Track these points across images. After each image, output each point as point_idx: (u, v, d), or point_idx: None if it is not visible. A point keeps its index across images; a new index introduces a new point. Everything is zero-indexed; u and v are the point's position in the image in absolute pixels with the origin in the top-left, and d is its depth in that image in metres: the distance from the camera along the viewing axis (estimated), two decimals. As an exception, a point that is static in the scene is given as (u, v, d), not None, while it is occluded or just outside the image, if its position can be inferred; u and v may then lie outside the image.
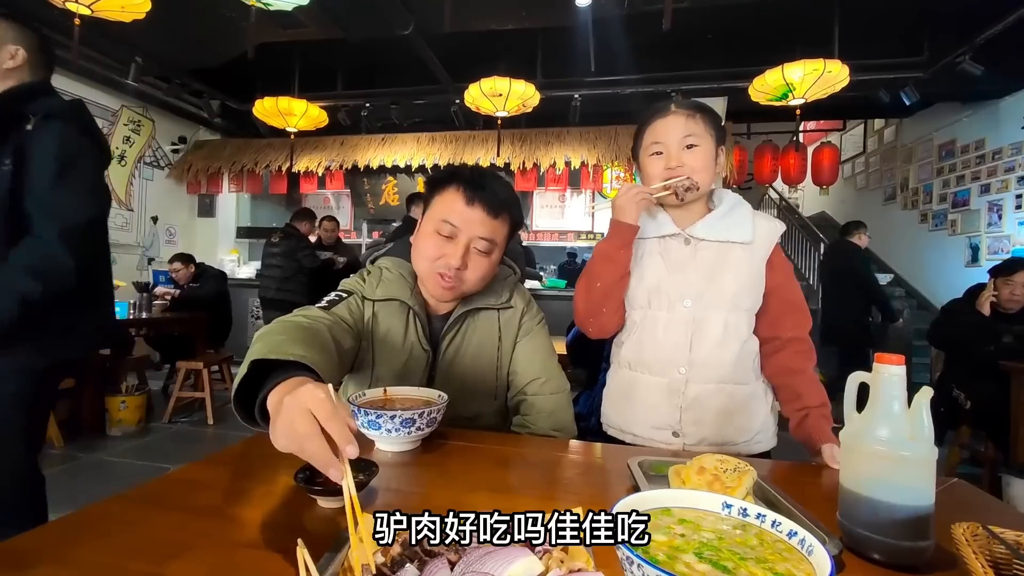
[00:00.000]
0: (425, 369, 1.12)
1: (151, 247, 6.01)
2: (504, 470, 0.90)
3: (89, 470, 2.85)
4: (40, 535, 0.63)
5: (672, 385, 1.11)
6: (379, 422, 0.91)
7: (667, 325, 1.12)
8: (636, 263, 1.17)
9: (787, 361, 1.13)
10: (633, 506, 0.56)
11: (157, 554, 0.59)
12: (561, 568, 0.51)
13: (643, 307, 1.16)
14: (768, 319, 1.15)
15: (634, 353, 1.17)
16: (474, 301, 1.14)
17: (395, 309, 1.12)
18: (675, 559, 0.47)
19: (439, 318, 1.16)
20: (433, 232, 1.04)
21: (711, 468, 0.78)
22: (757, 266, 1.12)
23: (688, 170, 1.09)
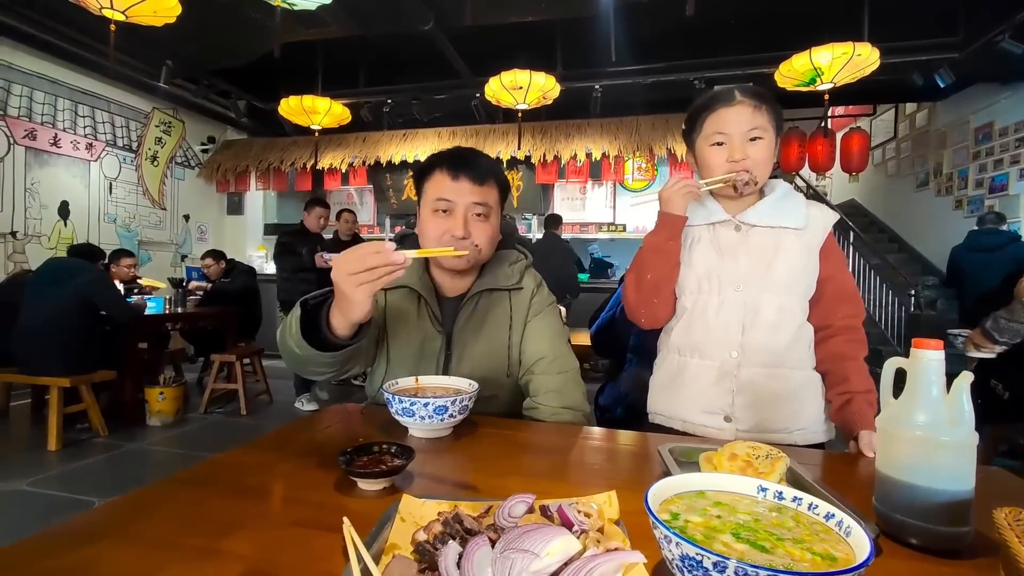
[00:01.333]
0: (440, 350, 1.15)
1: (184, 244, 6.20)
2: (535, 456, 0.91)
3: (131, 458, 2.98)
4: (101, 513, 0.67)
5: (724, 368, 1.10)
6: (413, 409, 0.93)
7: (718, 309, 1.11)
8: (685, 250, 1.17)
9: (838, 348, 1.11)
10: (668, 489, 0.57)
11: (210, 531, 0.62)
12: (599, 547, 0.53)
13: (693, 292, 1.16)
14: (821, 307, 1.12)
15: (684, 337, 1.16)
16: (486, 282, 1.16)
17: (405, 295, 1.17)
18: (712, 539, 0.48)
19: (452, 300, 1.19)
20: (431, 214, 1.10)
21: (743, 455, 0.78)
22: (810, 252, 1.10)
23: (751, 163, 1.08)
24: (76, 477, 2.67)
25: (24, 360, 3.04)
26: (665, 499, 0.56)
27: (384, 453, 0.80)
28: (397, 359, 1.18)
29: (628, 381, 2.00)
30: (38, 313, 3.00)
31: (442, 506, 0.65)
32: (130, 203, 5.50)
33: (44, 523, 0.67)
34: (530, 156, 5.70)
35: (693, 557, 0.44)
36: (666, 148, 5.39)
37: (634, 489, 0.78)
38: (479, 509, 0.64)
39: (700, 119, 1.14)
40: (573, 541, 0.52)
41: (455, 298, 1.20)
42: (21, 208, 4.41)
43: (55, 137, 4.70)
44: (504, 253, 1.22)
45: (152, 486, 0.75)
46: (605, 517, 0.61)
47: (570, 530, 0.55)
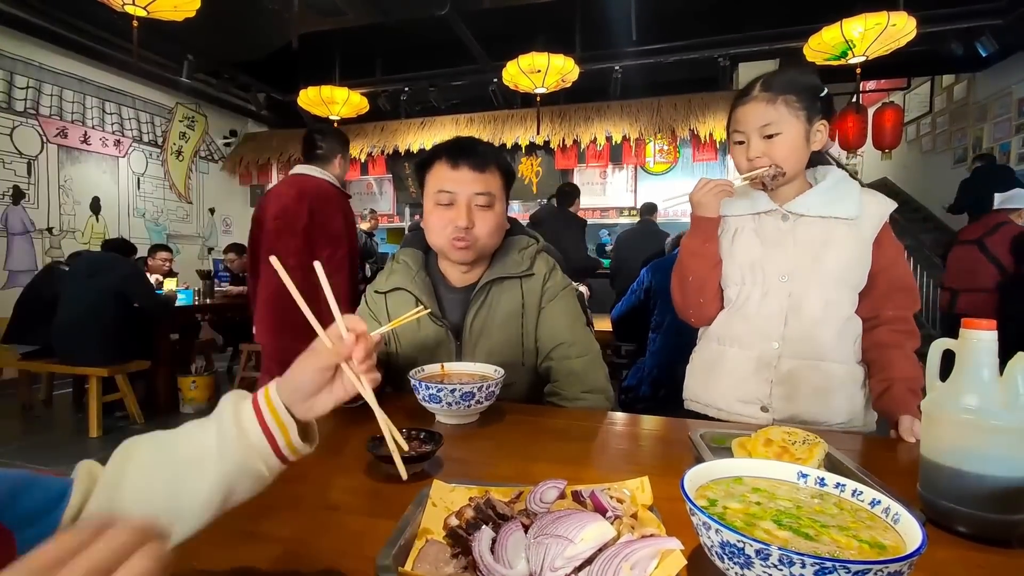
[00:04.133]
0: (448, 343, 1.15)
1: (210, 237, 6.34)
2: (563, 442, 0.91)
3: (167, 445, 3.09)
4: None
5: (763, 358, 1.08)
6: (439, 395, 0.93)
7: (761, 300, 1.08)
8: (728, 241, 1.14)
9: (883, 337, 1.07)
10: (704, 475, 0.55)
11: (249, 515, 0.63)
12: (633, 533, 0.52)
13: (737, 284, 1.13)
14: (871, 299, 1.08)
15: (724, 327, 1.15)
16: (495, 271, 1.14)
17: (402, 297, 1.17)
18: (753, 526, 0.47)
19: (463, 291, 1.18)
20: (434, 206, 1.09)
21: (778, 440, 0.76)
22: (863, 244, 1.05)
23: (769, 160, 1.05)
24: (117, 462, 2.78)
25: (65, 351, 3.16)
26: (701, 485, 0.54)
27: (412, 439, 0.80)
28: (406, 354, 1.18)
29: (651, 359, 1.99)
30: (77, 306, 3.11)
31: (472, 491, 0.64)
32: (158, 198, 5.63)
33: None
34: (549, 141, 5.64)
35: (734, 544, 0.43)
36: (688, 129, 5.27)
37: (666, 475, 0.77)
38: (510, 494, 0.64)
39: (730, 116, 1.13)
40: (607, 527, 0.52)
41: (465, 289, 1.18)
42: (56, 205, 4.56)
43: (85, 135, 4.83)
44: (514, 240, 1.20)
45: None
46: (638, 503, 0.60)
47: (603, 516, 0.55)
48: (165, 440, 0.47)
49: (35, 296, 3.39)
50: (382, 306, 1.21)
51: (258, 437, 0.48)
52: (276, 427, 0.49)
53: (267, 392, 0.50)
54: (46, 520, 0.39)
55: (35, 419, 3.57)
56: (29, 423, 3.50)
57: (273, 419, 0.49)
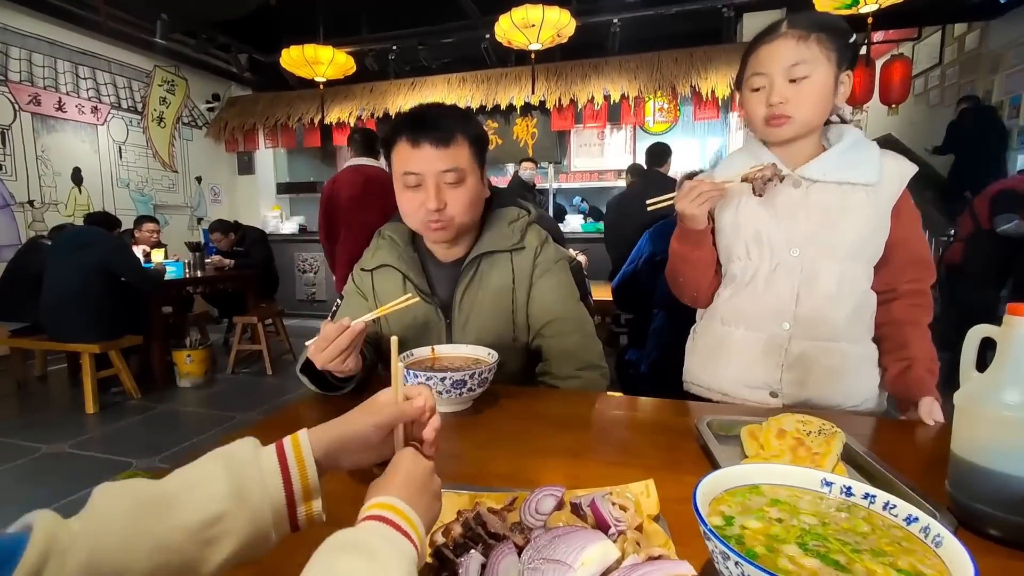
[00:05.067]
0: (439, 322, 1.10)
1: (198, 207, 6.19)
2: (563, 432, 0.86)
3: (165, 419, 3.07)
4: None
5: (772, 341, 1.01)
6: (428, 384, 0.88)
7: (770, 276, 1.00)
8: (732, 210, 1.05)
9: (900, 312, 1.00)
10: (717, 485, 0.50)
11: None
12: (639, 554, 0.47)
13: (741, 258, 1.05)
14: (887, 272, 1.01)
15: (729, 306, 1.07)
16: (484, 245, 1.09)
17: (389, 274, 1.13)
18: (776, 552, 0.41)
19: (449, 266, 1.12)
20: (403, 188, 1.02)
21: (792, 431, 0.71)
22: (881, 212, 0.97)
23: (792, 108, 0.93)
24: (114, 438, 2.77)
25: (53, 328, 3.10)
26: (715, 497, 0.49)
27: (400, 435, 0.75)
28: (402, 343, 1.11)
29: (654, 338, 1.93)
30: (61, 281, 3.03)
31: (462, 499, 0.59)
32: (141, 167, 5.45)
33: (88, 483, 0.64)
34: (544, 101, 5.43)
35: (757, 581, 0.37)
36: (690, 86, 5.06)
37: (672, 470, 0.72)
38: (503, 500, 0.59)
39: (745, 62, 1.00)
40: (610, 548, 0.46)
41: (452, 263, 1.12)
42: (35, 176, 4.40)
43: (59, 102, 4.61)
44: (503, 211, 1.13)
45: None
46: (643, 512, 0.55)
47: (606, 533, 0.49)
48: (152, 500, 0.37)
49: (20, 272, 3.31)
50: (368, 284, 1.16)
51: (279, 500, 0.42)
52: (300, 487, 0.43)
53: (297, 445, 0.45)
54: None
55: (31, 396, 3.54)
56: (25, 400, 3.47)
57: (300, 481, 0.43)
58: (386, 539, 0.39)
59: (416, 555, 0.40)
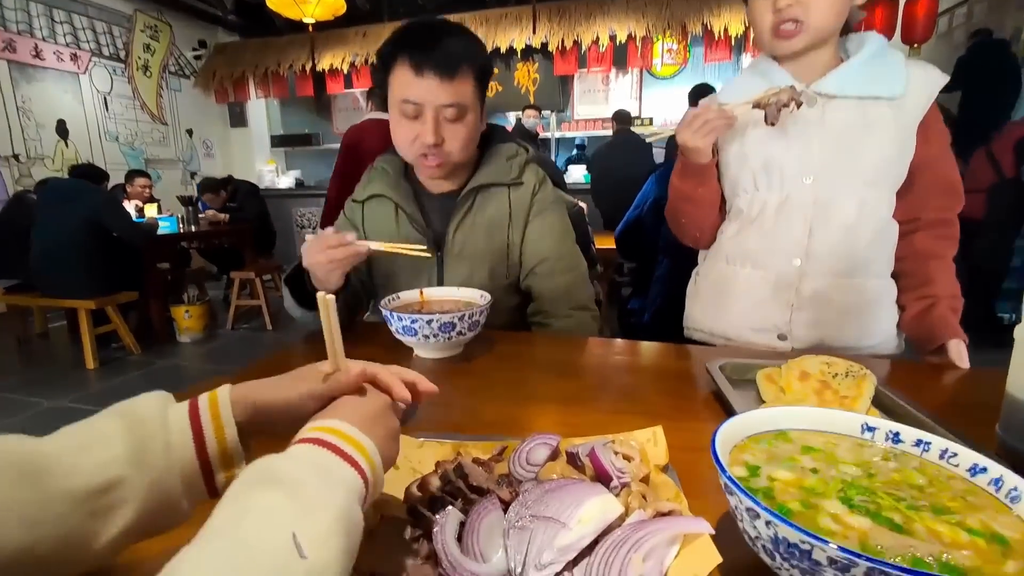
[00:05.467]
0: (430, 255, 1.03)
1: (191, 161, 6.01)
2: (561, 378, 0.79)
3: (165, 374, 3.06)
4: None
5: (782, 280, 0.93)
6: (415, 327, 0.80)
7: (780, 209, 0.92)
8: (739, 139, 0.95)
9: (924, 244, 0.91)
10: (738, 431, 0.42)
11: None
12: (646, 510, 0.40)
13: (749, 191, 0.96)
14: (910, 199, 0.91)
15: (734, 243, 0.99)
16: (482, 177, 1.03)
17: (382, 205, 1.08)
18: (814, 508, 0.34)
19: (442, 199, 1.06)
20: (399, 116, 0.95)
21: (816, 373, 0.63)
22: (907, 129, 0.86)
23: (802, 10, 0.81)
24: (114, 394, 2.74)
25: (45, 284, 3.05)
26: (736, 444, 0.41)
27: (380, 381, 0.68)
28: (389, 274, 1.08)
29: (658, 285, 1.85)
30: (50, 237, 2.95)
31: (443, 448, 0.52)
32: (129, 119, 5.24)
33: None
34: (547, 44, 5.13)
35: (796, 545, 0.30)
36: (701, 24, 4.75)
37: (680, 417, 0.65)
38: (491, 450, 0.52)
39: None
40: (612, 502, 0.39)
41: (446, 196, 1.06)
42: (17, 129, 4.22)
43: (36, 48, 4.37)
44: (501, 147, 1.07)
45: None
46: (650, 462, 0.47)
47: (607, 485, 0.42)
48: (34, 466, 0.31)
49: (7, 228, 3.22)
50: (359, 216, 1.11)
51: (191, 466, 0.36)
52: (217, 450, 0.37)
53: (214, 402, 0.38)
54: None
55: (32, 352, 3.54)
56: (26, 356, 3.47)
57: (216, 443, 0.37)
58: (319, 468, 0.31)
59: (363, 487, 0.33)
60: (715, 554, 0.34)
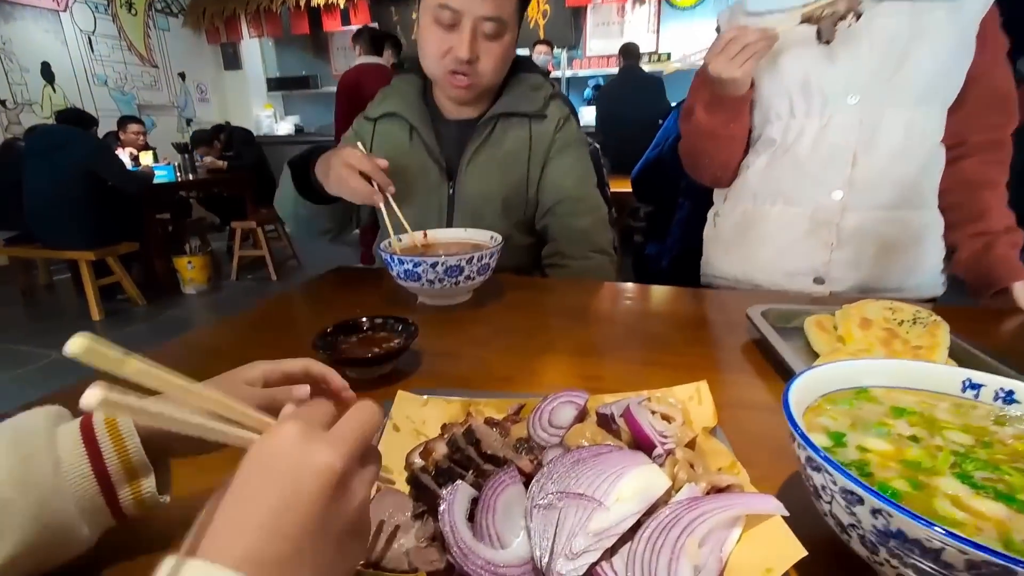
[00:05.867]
0: (442, 184, 0.97)
1: (185, 107, 5.78)
2: (580, 325, 0.71)
3: (170, 325, 3.04)
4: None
5: (820, 216, 0.83)
6: (418, 271, 0.72)
7: (819, 136, 0.81)
8: (770, 58, 0.82)
9: (973, 172, 0.80)
10: (811, 389, 0.34)
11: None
12: (698, 483, 0.33)
13: (783, 117, 0.85)
14: (959, 117, 0.79)
15: (764, 179, 0.88)
16: (504, 105, 0.95)
17: (396, 124, 0.99)
18: (926, 490, 0.26)
19: (459, 125, 0.97)
20: (432, 23, 0.86)
21: (880, 320, 0.55)
22: (964, 33, 0.75)
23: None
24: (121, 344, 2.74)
25: (42, 235, 2.98)
26: (809, 406, 0.34)
27: (378, 330, 0.61)
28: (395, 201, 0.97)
29: (677, 229, 1.74)
30: (41, 187, 2.85)
31: (452, 407, 0.45)
32: (117, 61, 4.99)
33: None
34: (557, -31, 4.76)
35: (918, 542, 0.22)
36: (724, -54, 4.36)
37: (718, 371, 0.57)
38: (506, 409, 0.45)
39: None
40: (657, 475, 0.32)
41: (464, 123, 0.97)
42: (0, 72, 4.04)
43: (12, -17, 4.11)
44: (527, 76, 0.99)
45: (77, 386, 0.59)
46: (695, 424, 0.40)
47: (649, 454, 0.35)
48: None
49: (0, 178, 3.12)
50: (368, 132, 1.02)
51: (86, 485, 0.30)
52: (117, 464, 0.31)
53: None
54: None
55: (37, 304, 3.52)
56: (32, 308, 3.46)
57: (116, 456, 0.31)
58: None
59: None
60: (794, 543, 0.27)
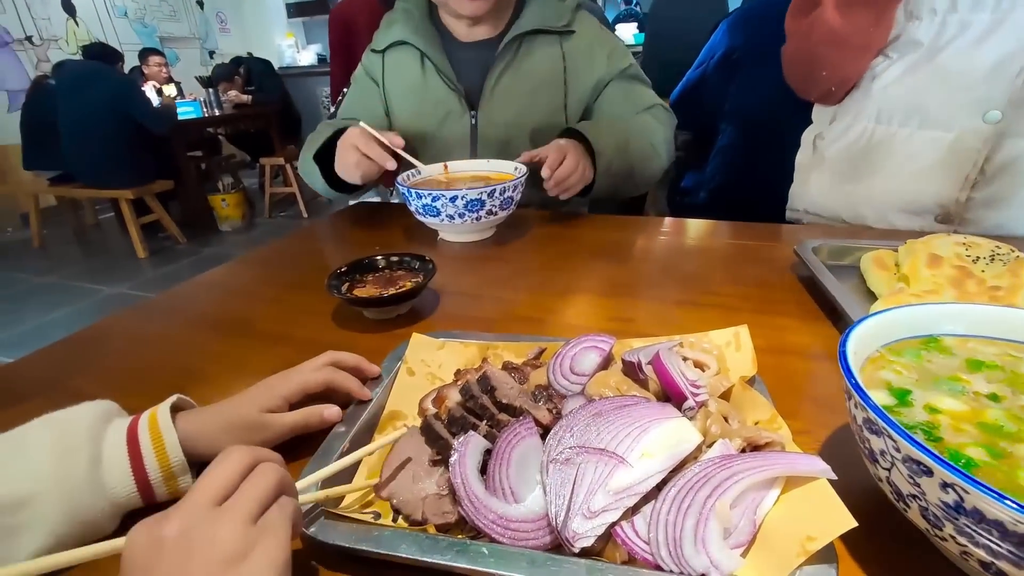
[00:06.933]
0: (463, 115, 0.89)
1: (207, 39, 5.65)
2: (611, 263, 0.67)
3: (211, 261, 3.14)
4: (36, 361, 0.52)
5: (965, 143, 0.67)
6: (436, 206, 0.68)
7: (983, 37, 0.64)
8: None
9: None
10: (873, 337, 0.30)
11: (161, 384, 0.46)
12: (733, 440, 0.29)
13: (938, 11, 0.68)
14: None
15: (895, 95, 0.72)
16: (527, 22, 0.86)
17: (405, 53, 0.91)
18: (1008, 459, 0.23)
19: (475, 48, 0.89)
20: None
21: (951, 257, 0.48)
22: None
23: None
24: (167, 280, 2.88)
25: (81, 174, 3.06)
26: (868, 357, 0.29)
27: (395, 268, 0.58)
28: (410, 134, 0.91)
29: (718, 158, 1.62)
30: (74, 125, 2.89)
31: (468, 351, 0.43)
32: (135, -10, 4.87)
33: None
34: None
35: (1000, 523, 0.19)
36: None
37: (759, 312, 0.52)
38: (526, 352, 0.42)
39: None
40: (687, 429, 0.29)
41: (481, 45, 0.88)
42: (24, 8, 3.99)
43: (22, -92, 3.96)
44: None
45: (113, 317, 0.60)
46: (732, 372, 0.37)
47: (679, 407, 0.32)
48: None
49: (35, 116, 3.16)
50: (379, 67, 0.94)
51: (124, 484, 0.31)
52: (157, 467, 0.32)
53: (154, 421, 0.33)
54: None
55: (88, 243, 3.68)
56: (84, 247, 3.62)
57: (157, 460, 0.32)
58: None
59: None
60: (842, 511, 0.24)
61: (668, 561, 0.25)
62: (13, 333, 2.34)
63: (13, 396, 0.46)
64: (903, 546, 0.27)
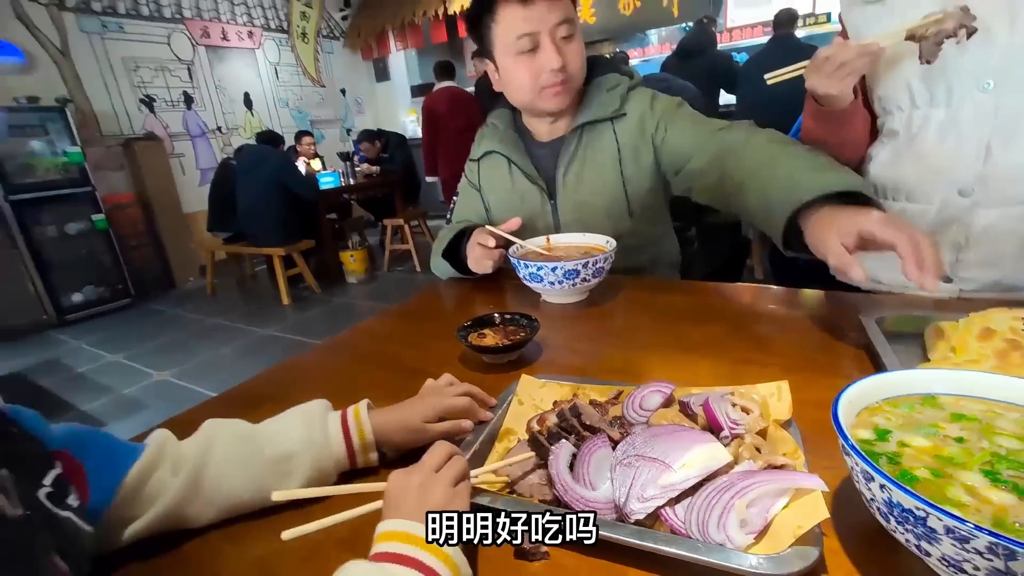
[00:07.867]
0: (545, 204, 1.05)
1: (346, 119, 6.65)
2: (687, 324, 0.77)
3: (339, 309, 3.62)
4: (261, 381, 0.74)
5: (946, 213, 0.78)
6: (540, 275, 0.85)
7: (945, 126, 0.76)
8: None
9: None
10: (872, 392, 0.39)
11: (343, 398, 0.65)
12: (756, 461, 0.40)
13: (905, 107, 0.80)
14: None
15: (886, 173, 0.84)
16: (583, 116, 1.01)
17: (495, 160, 1.11)
18: (946, 478, 0.32)
19: (554, 144, 1.05)
20: (515, 57, 0.94)
21: (1005, 331, 0.54)
22: None
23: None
24: (304, 324, 3.36)
25: (250, 235, 3.73)
26: (869, 406, 0.39)
27: (508, 324, 0.74)
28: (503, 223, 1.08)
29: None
30: (247, 196, 3.57)
31: (563, 389, 0.57)
32: (295, 85, 5.93)
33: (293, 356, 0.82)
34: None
35: (911, 511, 0.29)
36: None
37: (820, 372, 0.60)
38: (607, 394, 0.55)
39: None
40: (720, 451, 0.40)
41: (556, 141, 1.05)
42: (217, 104, 5.06)
43: (223, 31, 5.10)
44: (600, 80, 1.03)
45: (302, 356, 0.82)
46: (770, 416, 0.47)
47: (717, 436, 0.43)
48: (248, 435, 0.49)
49: (219, 190, 3.95)
50: (475, 174, 1.16)
51: (340, 451, 0.50)
52: (359, 443, 0.51)
53: (357, 413, 0.52)
54: (109, 473, 0.41)
55: (247, 291, 4.40)
56: (244, 294, 4.33)
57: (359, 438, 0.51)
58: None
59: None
60: (823, 509, 0.34)
61: (696, 534, 0.36)
62: (190, 365, 2.88)
63: (253, 402, 0.67)
64: (885, 551, 0.35)
